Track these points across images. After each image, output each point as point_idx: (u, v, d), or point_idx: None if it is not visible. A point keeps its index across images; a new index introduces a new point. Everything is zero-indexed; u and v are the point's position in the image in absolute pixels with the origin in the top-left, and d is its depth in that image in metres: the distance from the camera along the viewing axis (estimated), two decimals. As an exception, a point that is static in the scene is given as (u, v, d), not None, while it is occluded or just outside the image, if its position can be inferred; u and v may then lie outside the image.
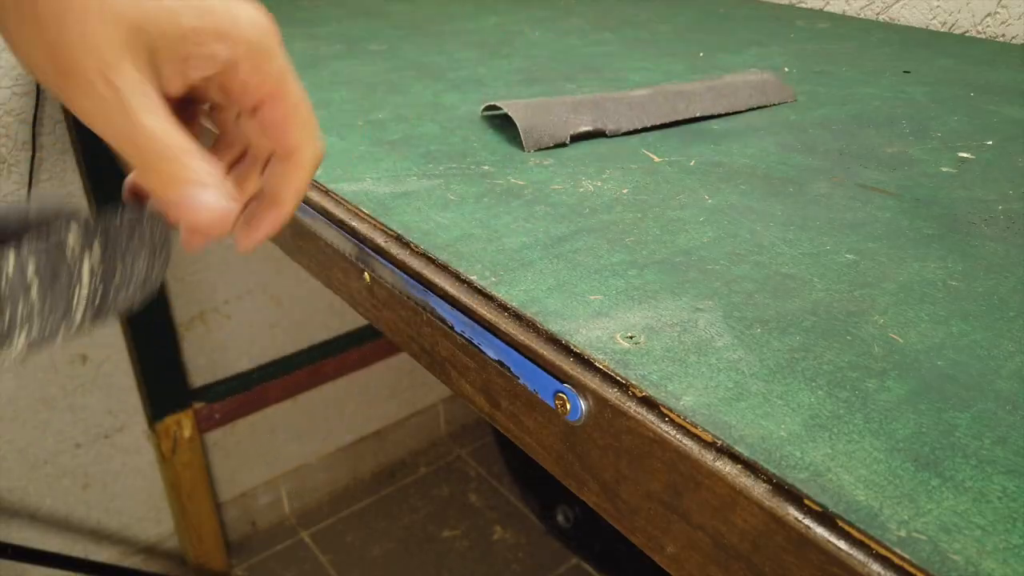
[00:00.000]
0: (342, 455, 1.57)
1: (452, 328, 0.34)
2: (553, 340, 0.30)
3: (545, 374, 0.29)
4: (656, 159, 0.47)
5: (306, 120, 0.29)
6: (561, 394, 0.28)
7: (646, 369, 0.27)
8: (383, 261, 0.37)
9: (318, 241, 0.43)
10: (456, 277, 0.34)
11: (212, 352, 1.31)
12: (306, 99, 0.29)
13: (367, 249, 0.38)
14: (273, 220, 0.30)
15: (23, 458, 1.19)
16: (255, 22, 0.27)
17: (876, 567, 0.20)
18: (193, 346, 1.29)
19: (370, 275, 0.39)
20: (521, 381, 0.30)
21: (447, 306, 0.34)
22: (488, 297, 0.32)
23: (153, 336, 1.20)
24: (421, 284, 0.35)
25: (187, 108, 0.30)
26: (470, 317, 0.33)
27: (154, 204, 0.28)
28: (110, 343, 1.22)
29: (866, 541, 0.21)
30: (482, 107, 0.55)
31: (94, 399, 1.23)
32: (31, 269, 0.24)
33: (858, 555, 0.21)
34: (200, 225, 0.26)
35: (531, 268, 0.34)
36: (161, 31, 0.24)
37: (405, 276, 0.36)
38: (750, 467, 0.23)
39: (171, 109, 0.26)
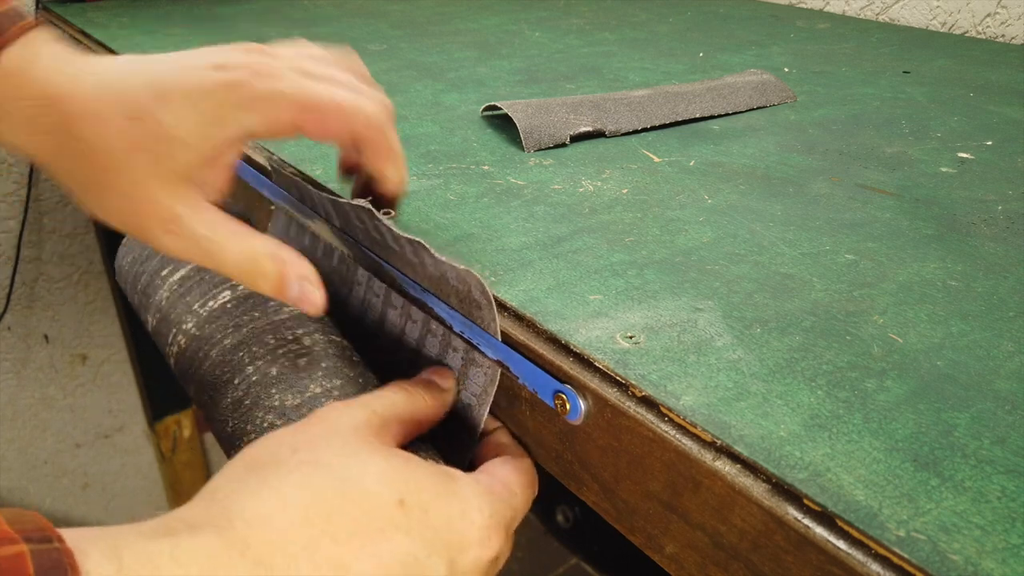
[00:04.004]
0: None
1: (451, 328, 0.34)
2: (553, 340, 0.30)
3: (545, 374, 0.29)
4: (656, 159, 0.47)
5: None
6: (561, 394, 0.28)
7: (645, 369, 0.27)
8: (382, 261, 0.37)
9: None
10: (456, 277, 0.34)
11: (212, 352, 1.31)
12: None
13: (366, 249, 0.38)
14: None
15: (23, 458, 1.19)
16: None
17: (875, 567, 0.20)
18: (193, 346, 1.29)
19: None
20: (521, 381, 0.30)
21: (446, 307, 0.34)
22: (488, 297, 0.32)
23: (153, 336, 1.20)
24: (420, 285, 0.35)
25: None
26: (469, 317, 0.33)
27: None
28: (110, 343, 1.22)
29: (865, 541, 0.21)
30: (482, 107, 0.55)
31: (94, 399, 1.23)
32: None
33: (857, 555, 0.21)
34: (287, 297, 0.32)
35: (531, 268, 0.34)
36: (197, 170, 0.30)
37: (404, 276, 0.36)
38: (749, 467, 0.23)
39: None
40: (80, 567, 0.20)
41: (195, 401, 0.36)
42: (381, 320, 0.39)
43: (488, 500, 0.29)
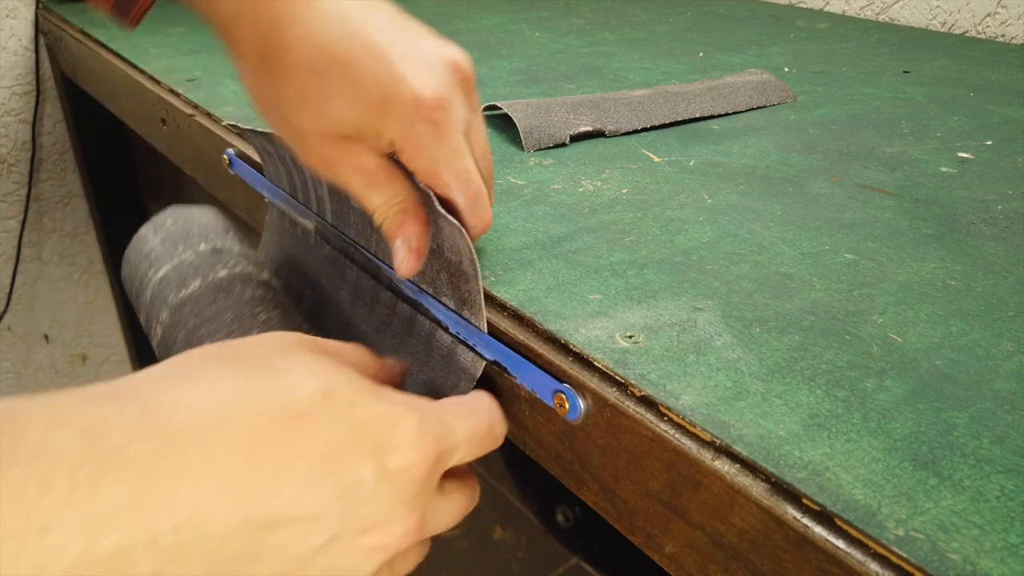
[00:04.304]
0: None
1: (447, 329, 0.34)
2: (552, 340, 0.30)
3: (544, 374, 0.29)
4: (656, 159, 0.47)
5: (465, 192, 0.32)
6: (560, 394, 0.28)
7: (645, 368, 0.27)
8: (379, 262, 0.37)
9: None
10: (455, 277, 0.34)
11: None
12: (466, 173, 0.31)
13: (364, 250, 0.38)
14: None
15: (23, 458, 1.19)
16: (413, 101, 0.30)
17: (874, 566, 0.20)
18: (193, 346, 1.29)
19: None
20: (519, 381, 0.30)
21: (442, 307, 0.34)
22: (487, 297, 0.32)
23: (153, 336, 1.20)
24: (417, 286, 0.35)
25: None
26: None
27: None
28: (110, 343, 1.22)
29: (864, 540, 0.21)
30: (482, 107, 0.55)
31: (94, 399, 1.23)
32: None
33: (856, 554, 0.21)
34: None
35: (530, 268, 0.34)
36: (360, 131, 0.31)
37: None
38: (749, 466, 0.23)
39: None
40: None
41: None
42: (372, 302, 0.39)
43: (416, 410, 0.28)
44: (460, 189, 0.31)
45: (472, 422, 0.30)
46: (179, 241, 0.41)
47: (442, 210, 0.30)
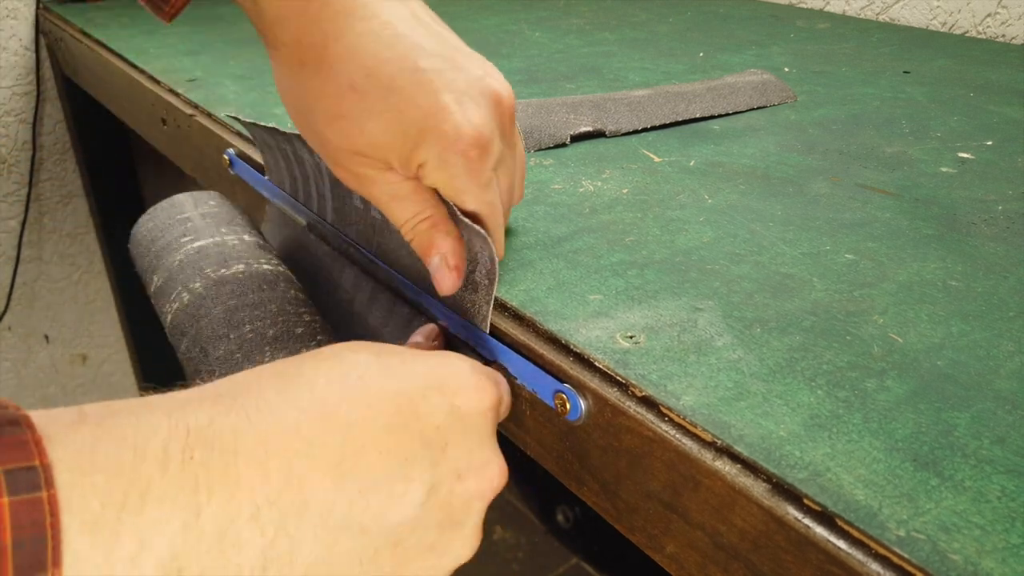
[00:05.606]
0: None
1: (447, 329, 0.34)
2: (553, 340, 0.30)
3: (545, 374, 0.29)
4: (656, 159, 0.47)
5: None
6: (561, 394, 0.28)
7: (646, 369, 0.27)
8: (379, 262, 0.37)
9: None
10: (456, 277, 0.34)
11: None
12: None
13: (364, 251, 0.38)
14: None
15: (23, 458, 1.19)
16: (452, 137, 0.29)
17: (875, 567, 0.20)
18: (193, 346, 1.28)
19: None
20: (520, 381, 0.30)
21: (443, 307, 0.34)
22: (488, 297, 0.32)
23: (153, 336, 1.20)
24: (416, 285, 0.35)
25: None
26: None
27: None
28: (110, 343, 1.22)
29: (865, 541, 0.21)
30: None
31: (94, 399, 1.23)
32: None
33: (857, 555, 0.21)
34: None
35: (531, 268, 0.34)
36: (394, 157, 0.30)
37: (401, 277, 0.36)
38: (749, 467, 0.23)
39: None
40: (32, 417, 0.19)
41: (183, 357, 0.37)
42: (371, 301, 0.39)
43: (463, 358, 0.29)
44: (481, 219, 0.31)
45: (501, 377, 0.31)
46: (222, 223, 0.41)
47: (467, 220, 0.30)
